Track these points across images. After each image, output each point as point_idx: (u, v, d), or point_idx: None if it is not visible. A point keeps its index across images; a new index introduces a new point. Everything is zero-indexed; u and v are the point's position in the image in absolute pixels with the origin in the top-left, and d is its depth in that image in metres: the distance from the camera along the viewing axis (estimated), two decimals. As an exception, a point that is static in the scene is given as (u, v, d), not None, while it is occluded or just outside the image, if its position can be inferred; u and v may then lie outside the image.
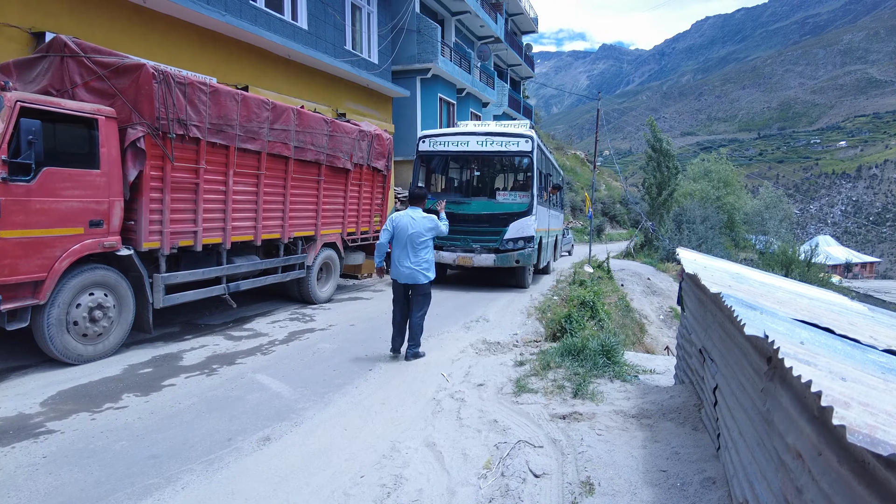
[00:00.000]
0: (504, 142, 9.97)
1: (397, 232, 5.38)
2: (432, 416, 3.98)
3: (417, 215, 5.43)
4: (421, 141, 10.49)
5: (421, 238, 5.35)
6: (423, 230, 5.36)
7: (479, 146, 10.02)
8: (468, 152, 10.26)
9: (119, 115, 5.10)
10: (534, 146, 9.92)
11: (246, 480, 3.01)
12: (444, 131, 10.75)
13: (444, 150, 10.37)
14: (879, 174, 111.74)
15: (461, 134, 10.28)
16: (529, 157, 9.99)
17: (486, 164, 11.19)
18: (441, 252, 9.72)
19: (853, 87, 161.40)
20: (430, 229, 5.42)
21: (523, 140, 9.92)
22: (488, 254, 9.74)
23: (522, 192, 10.30)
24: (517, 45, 29.82)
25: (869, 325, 3.02)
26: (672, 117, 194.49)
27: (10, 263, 4.27)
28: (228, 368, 5.01)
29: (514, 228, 9.72)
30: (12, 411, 3.87)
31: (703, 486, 2.76)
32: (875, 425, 1.16)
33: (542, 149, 11.28)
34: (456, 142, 10.21)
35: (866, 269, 59.55)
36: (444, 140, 10.31)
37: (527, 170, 10.52)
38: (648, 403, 3.99)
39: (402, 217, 5.40)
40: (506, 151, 10.11)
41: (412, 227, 5.35)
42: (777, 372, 2.01)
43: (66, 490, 2.86)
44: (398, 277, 5.43)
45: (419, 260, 5.36)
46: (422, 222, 5.39)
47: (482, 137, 10.02)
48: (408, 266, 5.35)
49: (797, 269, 22.25)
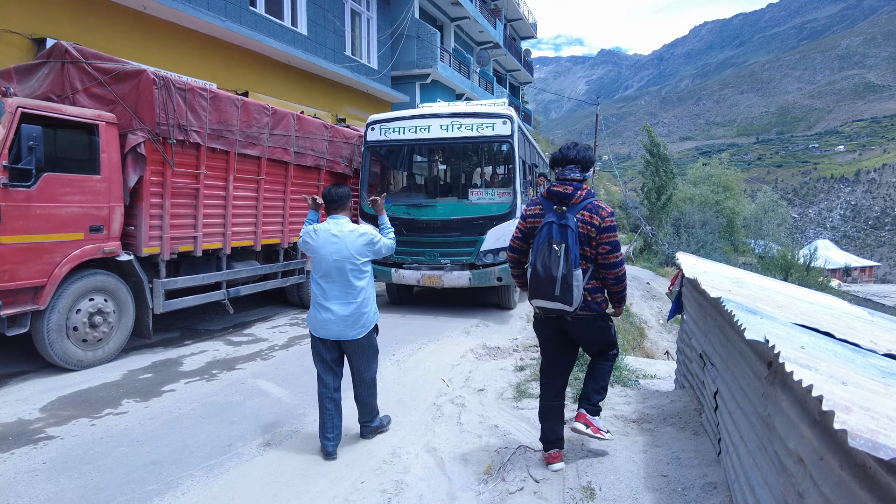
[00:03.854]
0: (476, 125, 7.63)
1: (314, 256, 3.39)
2: (433, 421, 3.97)
3: (343, 229, 3.37)
4: (369, 129, 8.06)
5: (352, 264, 3.32)
6: (353, 252, 3.32)
7: (443, 132, 7.71)
8: (431, 140, 7.88)
9: (119, 121, 5.12)
10: (514, 128, 7.61)
11: (246, 486, 3.00)
12: (398, 114, 8.22)
13: (400, 140, 7.96)
14: (878, 178, 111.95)
15: (421, 117, 7.89)
16: (509, 142, 7.59)
17: (454, 156, 8.87)
18: (401, 270, 7.71)
19: (851, 91, 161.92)
20: (365, 249, 3.38)
21: (500, 121, 7.56)
22: (461, 270, 7.55)
23: (502, 189, 7.85)
24: (516, 51, 29.94)
25: (869, 329, 3.03)
26: (671, 122, 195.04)
27: (11, 269, 4.27)
28: (228, 374, 5.00)
29: (493, 237, 7.43)
30: (12, 417, 3.86)
31: (705, 490, 2.75)
32: (876, 429, 1.16)
33: (525, 132, 8.91)
34: (414, 127, 7.85)
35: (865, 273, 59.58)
36: (400, 126, 7.92)
37: (507, 159, 8.02)
38: (649, 408, 3.99)
39: (319, 233, 3.39)
40: (479, 137, 7.72)
41: (336, 248, 3.31)
42: (778, 376, 2.01)
43: (65, 496, 2.85)
44: (318, 329, 3.37)
45: (351, 300, 3.33)
46: (351, 240, 3.34)
47: (447, 120, 7.69)
48: (334, 311, 3.31)
49: (796, 274, 22.27)
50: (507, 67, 30.16)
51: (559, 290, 2.86)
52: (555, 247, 2.89)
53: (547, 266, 2.89)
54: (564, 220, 2.92)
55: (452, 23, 20.58)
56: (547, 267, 2.89)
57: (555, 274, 2.86)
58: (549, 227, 2.95)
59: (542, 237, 2.95)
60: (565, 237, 2.88)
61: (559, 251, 2.87)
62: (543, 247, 2.93)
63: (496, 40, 23.83)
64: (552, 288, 2.87)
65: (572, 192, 2.97)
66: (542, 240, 2.95)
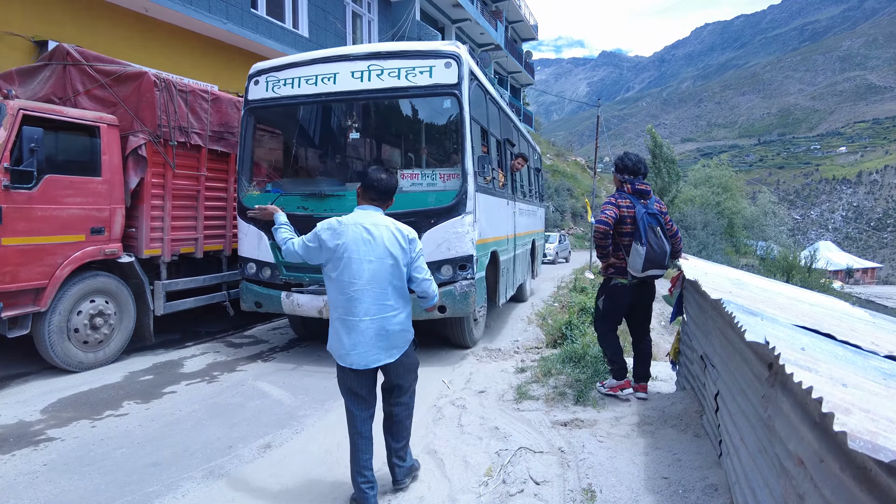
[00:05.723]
0: (405, 70, 5.09)
1: (337, 259, 2.62)
2: (433, 422, 3.96)
3: (377, 222, 2.69)
4: (252, 82, 5.58)
5: (394, 274, 2.66)
6: (397, 257, 2.65)
7: (357, 82, 5.18)
8: (338, 96, 5.30)
9: (121, 123, 5.14)
10: (462, 74, 5.07)
11: (247, 488, 3.00)
12: (293, 59, 5.58)
13: (295, 96, 5.42)
14: (880, 180, 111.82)
15: (324, 60, 5.34)
16: (455, 95, 5.08)
17: (373, 119, 6.18)
18: (295, 295, 5.31)
19: (853, 93, 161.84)
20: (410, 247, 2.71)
21: (442, 63, 5.05)
22: None
23: (446, 171, 5.36)
24: (517, 53, 29.97)
25: (870, 331, 3.02)
26: (672, 124, 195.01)
27: (12, 271, 4.28)
28: (229, 376, 5.01)
29: (431, 242, 5.00)
30: (13, 419, 3.87)
31: (706, 493, 2.75)
32: (876, 431, 1.16)
33: (486, 86, 6.13)
34: (314, 76, 5.30)
35: (867, 274, 59.44)
36: (294, 76, 5.39)
37: (453, 123, 5.38)
38: (650, 410, 3.98)
39: (347, 227, 2.64)
40: (410, 89, 5.13)
41: (374, 252, 2.61)
42: (778, 378, 2.00)
43: (66, 498, 2.85)
44: (345, 357, 2.62)
45: (387, 317, 2.64)
46: (390, 240, 2.66)
47: (362, 64, 5.17)
48: (368, 336, 2.59)
49: (798, 275, 22.23)
50: (508, 69, 30.19)
51: (667, 261, 4.07)
52: (658, 229, 4.01)
53: (660, 244, 3.99)
54: (652, 210, 4.06)
55: (453, 25, 20.62)
56: (660, 245, 3.99)
57: (666, 249, 4.03)
58: (647, 216, 4.00)
59: (645, 223, 3.97)
60: (658, 222, 4.05)
61: (661, 233, 4.02)
62: (649, 230, 3.97)
63: (497, 42, 23.87)
64: (664, 259, 4.03)
65: (650, 190, 4.20)
66: (646, 224, 3.97)
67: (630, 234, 4.05)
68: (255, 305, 5.59)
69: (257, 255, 5.53)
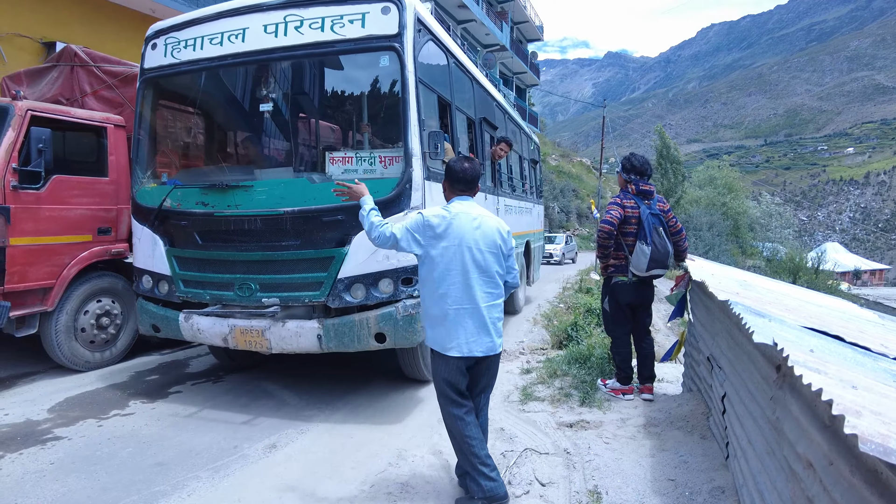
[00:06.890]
0: (331, 19, 3.95)
1: (447, 248, 2.62)
2: (438, 423, 3.95)
3: (480, 211, 2.77)
4: (149, 46, 4.56)
5: (496, 262, 2.70)
6: (501, 246, 2.73)
7: (269, 37, 4.09)
8: (245, 56, 4.19)
9: (128, 124, 5.16)
10: (404, 22, 3.89)
11: (252, 488, 3.00)
12: (196, 14, 4.45)
13: (196, 60, 4.31)
14: (888, 181, 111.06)
15: (232, 13, 4.23)
16: (394, 49, 3.89)
17: (291, 83, 4.52)
18: (196, 318, 4.14)
19: (860, 93, 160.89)
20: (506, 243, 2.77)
21: (378, 8, 3.89)
22: (303, 321, 3.95)
23: (391, 155, 4.04)
24: (522, 53, 29.97)
25: (879, 333, 2.99)
26: (678, 124, 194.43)
27: (20, 271, 4.31)
28: (235, 375, 5.02)
29: (365, 248, 3.74)
30: (20, 417, 3.89)
31: (713, 495, 2.73)
32: (888, 434, 1.15)
33: (446, 45, 4.90)
34: (219, 34, 4.22)
35: (875, 276, 59.04)
36: (196, 35, 4.32)
37: (393, 88, 4.07)
38: (656, 411, 3.97)
39: (458, 216, 2.65)
40: (336, 43, 3.97)
41: (483, 240, 2.66)
42: (786, 380, 1.99)
43: (73, 497, 2.86)
44: (463, 346, 2.61)
45: (492, 306, 2.69)
46: (493, 230, 2.72)
47: (277, 14, 4.07)
48: (477, 321, 2.62)
49: (805, 277, 22.13)
50: (513, 70, 30.18)
51: (669, 260, 4.18)
52: (661, 229, 4.10)
53: (664, 244, 4.08)
54: (655, 211, 4.13)
55: (459, 25, 20.64)
56: (664, 244, 4.08)
57: (669, 249, 4.13)
58: (651, 216, 4.08)
59: (650, 223, 4.05)
60: (661, 222, 4.14)
61: (664, 233, 4.12)
62: (653, 230, 4.05)
63: (502, 43, 23.87)
64: (667, 259, 4.13)
65: (654, 191, 4.25)
66: (650, 224, 4.05)
67: (634, 233, 4.11)
68: (152, 329, 4.44)
69: (152, 265, 4.35)
